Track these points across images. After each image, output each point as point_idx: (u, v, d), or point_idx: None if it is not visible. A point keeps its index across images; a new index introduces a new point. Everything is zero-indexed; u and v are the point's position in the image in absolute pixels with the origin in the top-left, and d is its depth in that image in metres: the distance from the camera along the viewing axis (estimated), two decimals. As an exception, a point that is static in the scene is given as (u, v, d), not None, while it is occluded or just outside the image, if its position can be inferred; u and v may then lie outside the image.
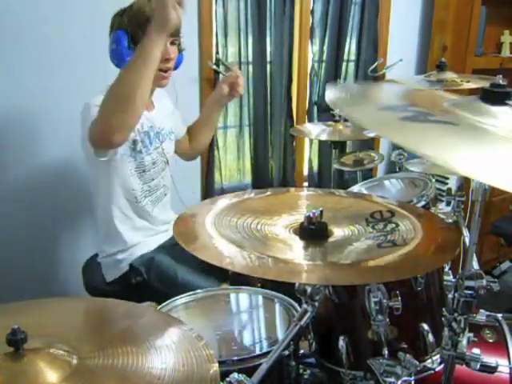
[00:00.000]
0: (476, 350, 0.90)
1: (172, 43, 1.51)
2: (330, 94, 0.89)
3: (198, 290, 1.27)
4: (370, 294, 0.97)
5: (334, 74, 2.62)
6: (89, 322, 0.90)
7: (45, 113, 1.88)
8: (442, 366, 0.98)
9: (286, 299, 1.20)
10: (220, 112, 1.89)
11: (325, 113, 2.55)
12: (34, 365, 0.69)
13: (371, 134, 1.97)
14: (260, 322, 1.17)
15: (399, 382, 0.92)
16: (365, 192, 1.74)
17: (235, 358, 1.01)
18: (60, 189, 1.97)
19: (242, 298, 1.27)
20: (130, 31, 1.45)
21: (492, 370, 0.90)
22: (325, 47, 2.57)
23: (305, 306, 0.97)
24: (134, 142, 1.54)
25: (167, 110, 1.75)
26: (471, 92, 1.89)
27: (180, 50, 1.58)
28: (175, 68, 1.58)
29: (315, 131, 2.19)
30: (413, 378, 0.95)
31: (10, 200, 1.89)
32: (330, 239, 0.96)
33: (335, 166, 2.15)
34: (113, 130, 1.28)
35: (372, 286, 0.98)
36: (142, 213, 1.64)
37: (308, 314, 0.96)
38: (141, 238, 1.64)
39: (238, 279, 1.44)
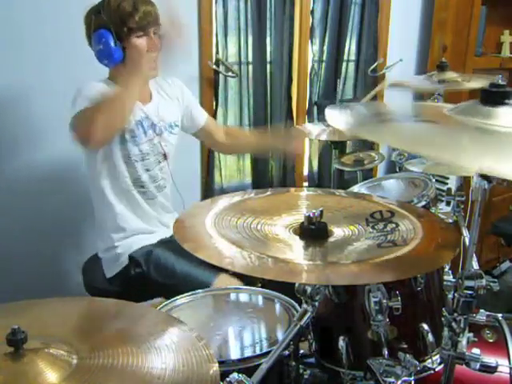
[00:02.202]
0: (476, 350, 0.90)
1: (154, 33, 1.53)
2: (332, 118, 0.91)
3: (198, 290, 1.27)
4: (370, 294, 0.97)
5: (333, 73, 2.62)
6: (89, 322, 0.90)
7: (44, 113, 1.88)
8: (442, 366, 0.98)
9: (286, 299, 1.20)
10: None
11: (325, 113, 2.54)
12: (34, 365, 0.69)
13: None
14: (260, 322, 1.17)
15: (399, 382, 0.91)
16: (365, 192, 1.74)
17: (235, 358, 1.01)
18: (60, 188, 1.97)
19: (241, 298, 1.27)
20: (114, 28, 1.46)
21: (492, 370, 0.90)
22: (325, 47, 2.57)
23: (305, 306, 0.97)
24: (123, 131, 1.54)
25: (172, 101, 1.73)
26: (471, 92, 1.89)
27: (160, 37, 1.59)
28: None
29: (315, 131, 2.19)
30: (413, 377, 0.95)
31: (10, 199, 1.89)
32: (330, 239, 0.96)
33: (335, 165, 2.15)
34: (91, 134, 1.39)
35: (372, 286, 0.98)
36: (137, 202, 1.64)
37: (308, 314, 0.96)
38: (140, 225, 1.65)
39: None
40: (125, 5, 1.45)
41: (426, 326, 1.12)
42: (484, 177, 0.81)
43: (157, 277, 1.57)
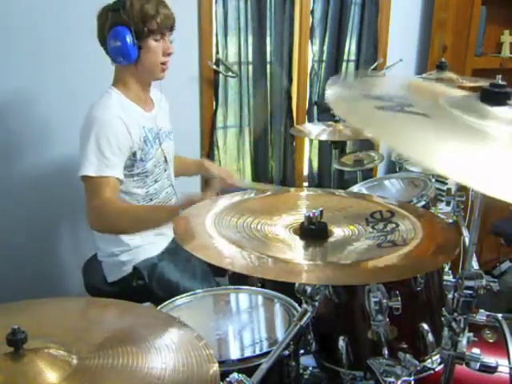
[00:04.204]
0: (476, 350, 0.90)
1: (170, 40, 1.55)
2: (330, 89, 0.89)
3: (198, 290, 1.27)
4: (370, 294, 0.97)
5: (333, 73, 2.61)
6: (89, 322, 0.90)
7: (46, 113, 1.88)
8: (442, 366, 0.98)
9: (286, 299, 1.20)
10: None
11: (325, 113, 2.55)
12: (34, 365, 0.69)
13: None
14: (260, 322, 1.17)
15: (399, 382, 0.92)
16: (365, 192, 1.74)
17: (235, 358, 1.01)
18: (61, 188, 1.97)
19: (241, 298, 1.27)
20: (134, 28, 1.46)
21: (492, 370, 0.90)
22: (325, 47, 2.57)
23: (305, 306, 0.97)
24: (134, 153, 1.54)
25: (166, 109, 1.75)
26: (471, 91, 1.89)
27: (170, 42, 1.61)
28: None
29: (315, 131, 2.19)
30: (413, 377, 0.95)
31: (11, 200, 1.89)
32: (330, 239, 0.96)
33: (335, 165, 2.15)
34: (98, 229, 1.52)
35: (372, 286, 0.98)
36: None
37: (308, 314, 0.96)
38: (142, 240, 1.64)
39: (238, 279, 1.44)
40: (148, 7, 1.46)
41: (426, 326, 1.12)
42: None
43: (159, 291, 1.57)
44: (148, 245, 1.64)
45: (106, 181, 1.43)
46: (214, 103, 2.29)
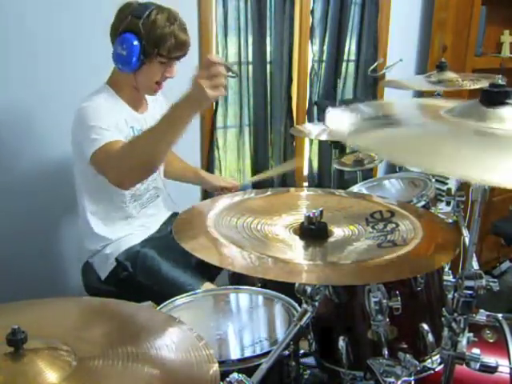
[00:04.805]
0: (476, 350, 0.90)
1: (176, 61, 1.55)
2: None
3: (198, 290, 1.27)
4: (370, 294, 0.97)
5: (333, 73, 2.62)
6: (89, 322, 0.90)
7: (41, 112, 1.88)
8: (442, 366, 0.98)
9: (286, 299, 1.20)
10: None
11: (325, 113, 2.55)
12: (34, 365, 0.69)
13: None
14: (260, 322, 1.17)
15: (399, 382, 0.92)
16: (365, 192, 1.74)
17: (235, 358, 1.01)
18: (60, 188, 1.96)
19: (241, 298, 1.27)
20: (145, 44, 1.43)
21: (492, 370, 0.90)
22: (325, 47, 2.57)
23: (305, 306, 0.97)
24: None
25: (161, 110, 1.74)
26: (471, 91, 1.89)
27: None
28: None
29: (315, 131, 2.19)
30: (413, 377, 0.95)
31: (10, 200, 1.89)
32: (330, 239, 0.96)
33: (335, 165, 2.15)
34: (125, 182, 1.39)
35: (372, 285, 0.98)
36: (128, 215, 1.64)
37: (308, 314, 0.96)
38: (123, 232, 1.64)
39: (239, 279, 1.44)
40: (167, 32, 1.43)
41: (426, 326, 1.12)
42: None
43: (143, 279, 1.56)
44: (129, 235, 1.64)
45: (114, 143, 1.39)
46: (214, 103, 2.29)
